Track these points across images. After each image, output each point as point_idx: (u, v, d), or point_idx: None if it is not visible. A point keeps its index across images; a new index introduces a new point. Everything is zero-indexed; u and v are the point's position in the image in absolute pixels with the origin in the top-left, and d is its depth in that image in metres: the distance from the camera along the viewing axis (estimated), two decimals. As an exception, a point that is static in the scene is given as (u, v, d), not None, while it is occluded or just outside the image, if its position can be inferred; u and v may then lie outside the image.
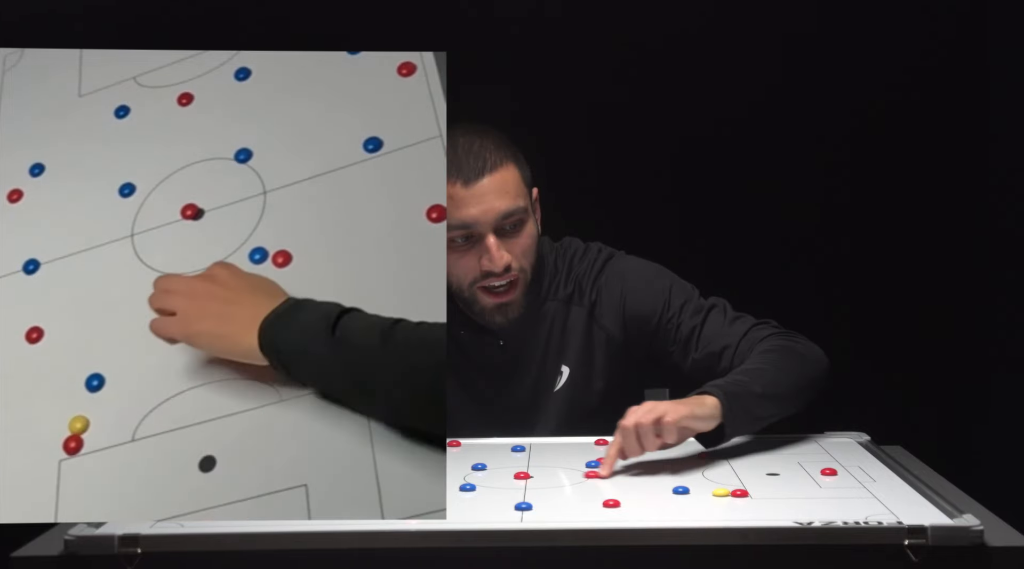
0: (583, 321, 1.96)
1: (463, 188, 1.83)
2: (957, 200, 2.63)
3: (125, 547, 1.33)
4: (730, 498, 1.50)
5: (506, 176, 1.86)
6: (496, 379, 1.96)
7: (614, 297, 1.96)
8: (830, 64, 2.61)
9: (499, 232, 1.85)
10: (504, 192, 1.85)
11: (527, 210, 1.89)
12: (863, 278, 2.66)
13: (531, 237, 1.90)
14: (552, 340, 1.96)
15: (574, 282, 1.98)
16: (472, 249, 1.86)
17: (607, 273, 1.98)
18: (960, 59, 2.60)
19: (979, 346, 2.64)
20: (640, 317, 1.94)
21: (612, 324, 1.95)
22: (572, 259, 2.00)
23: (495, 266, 1.85)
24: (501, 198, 1.84)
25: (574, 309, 1.97)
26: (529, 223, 1.90)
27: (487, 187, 1.84)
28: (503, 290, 1.88)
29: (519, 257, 1.88)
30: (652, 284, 1.96)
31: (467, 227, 1.84)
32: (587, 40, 2.61)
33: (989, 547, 1.32)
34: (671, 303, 1.94)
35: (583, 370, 1.95)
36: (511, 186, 1.86)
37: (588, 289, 1.97)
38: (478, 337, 1.94)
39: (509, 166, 1.87)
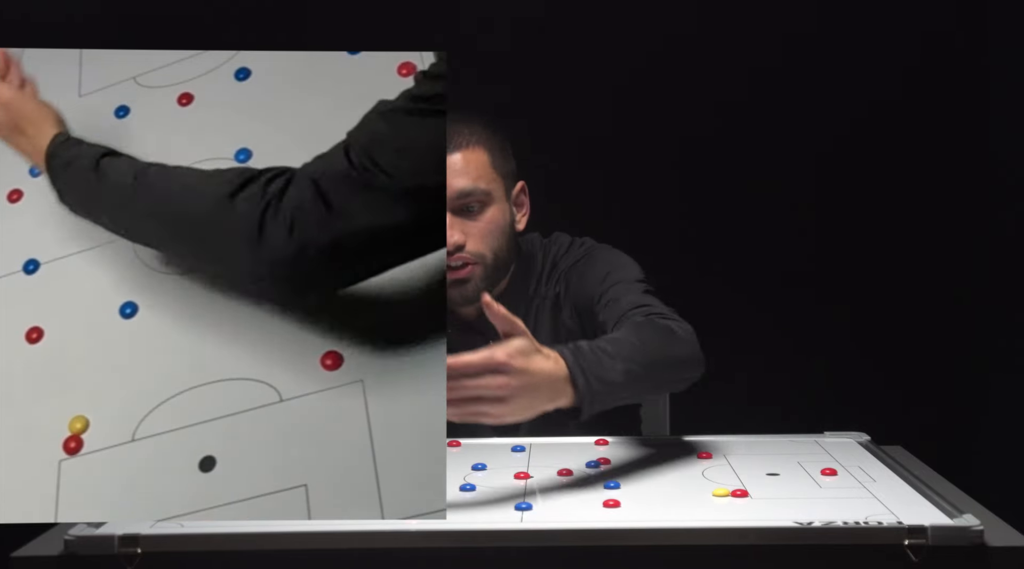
0: (548, 315, 1.96)
1: None
2: (957, 200, 2.64)
3: (125, 547, 1.33)
4: (730, 498, 1.50)
5: (471, 157, 1.87)
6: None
7: (572, 288, 1.96)
8: (830, 65, 2.61)
9: (458, 212, 1.87)
10: (465, 172, 1.86)
11: (489, 194, 1.89)
12: (863, 278, 2.66)
13: (493, 224, 1.90)
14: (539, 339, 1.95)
15: (557, 280, 1.98)
16: None
17: (569, 264, 1.98)
18: (960, 60, 2.60)
19: (979, 346, 2.64)
20: (585, 304, 1.91)
21: (568, 313, 1.96)
22: (556, 255, 2.00)
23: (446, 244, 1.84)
24: (461, 177, 1.86)
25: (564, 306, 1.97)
26: (493, 209, 1.90)
27: (449, 164, 1.84)
28: (457, 267, 1.88)
29: (476, 240, 1.88)
30: (595, 269, 1.93)
31: None
32: (587, 40, 2.61)
33: (989, 547, 1.32)
34: (606, 291, 1.88)
35: None
36: (474, 168, 1.87)
37: (557, 282, 1.97)
38: (466, 337, 1.94)
39: (478, 149, 1.88)
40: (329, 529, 1.36)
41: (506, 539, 1.34)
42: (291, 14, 2.59)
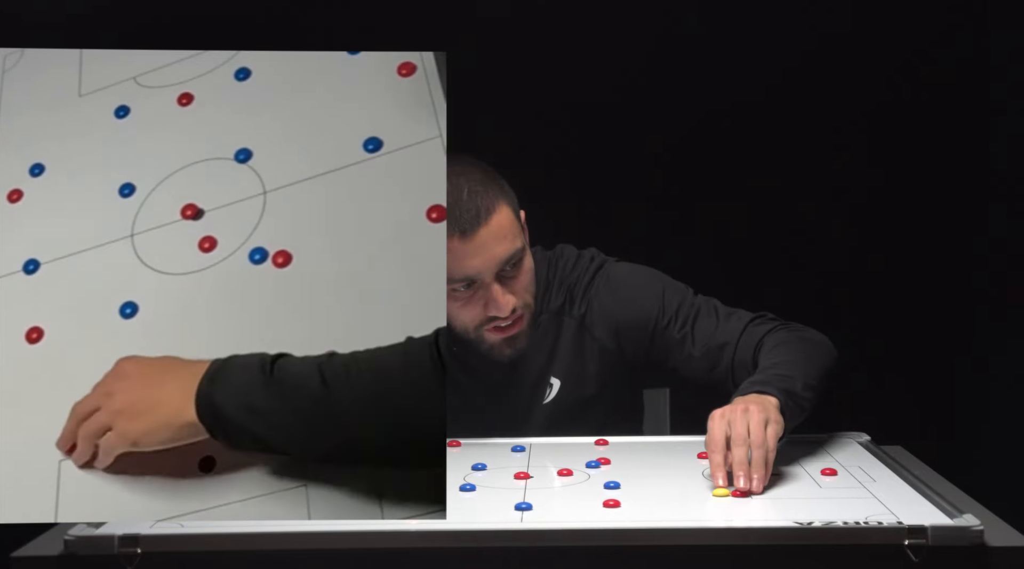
0: (573, 332, 1.94)
1: (460, 241, 1.77)
2: (957, 201, 2.63)
3: (125, 547, 1.33)
4: (731, 498, 1.50)
5: (501, 220, 1.80)
6: (489, 391, 1.95)
7: (605, 307, 1.94)
8: (829, 65, 2.61)
9: (500, 275, 1.82)
10: (502, 237, 1.80)
11: (523, 248, 1.85)
12: (863, 278, 2.66)
13: (530, 271, 1.87)
14: (543, 353, 1.94)
15: (565, 292, 1.96)
16: (474, 296, 1.82)
17: (597, 282, 1.95)
18: (961, 60, 2.60)
19: (979, 346, 2.64)
20: (635, 326, 1.92)
21: (604, 333, 1.93)
22: (564, 268, 1.98)
23: (502, 312, 1.81)
24: (500, 244, 1.80)
25: (565, 321, 1.94)
26: (527, 257, 1.86)
27: (485, 236, 1.78)
28: (509, 325, 1.85)
29: (521, 293, 1.84)
30: (645, 291, 1.94)
31: (470, 279, 1.80)
32: (588, 40, 2.61)
33: (989, 547, 1.32)
34: (665, 308, 1.92)
35: (574, 380, 1.94)
36: (507, 229, 1.81)
37: (578, 299, 1.95)
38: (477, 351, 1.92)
39: (502, 207, 1.81)
40: (329, 529, 1.36)
41: (506, 539, 1.34)
42: (291, 14, 2.59)
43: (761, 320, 1.90)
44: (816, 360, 1.80)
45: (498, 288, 1.81)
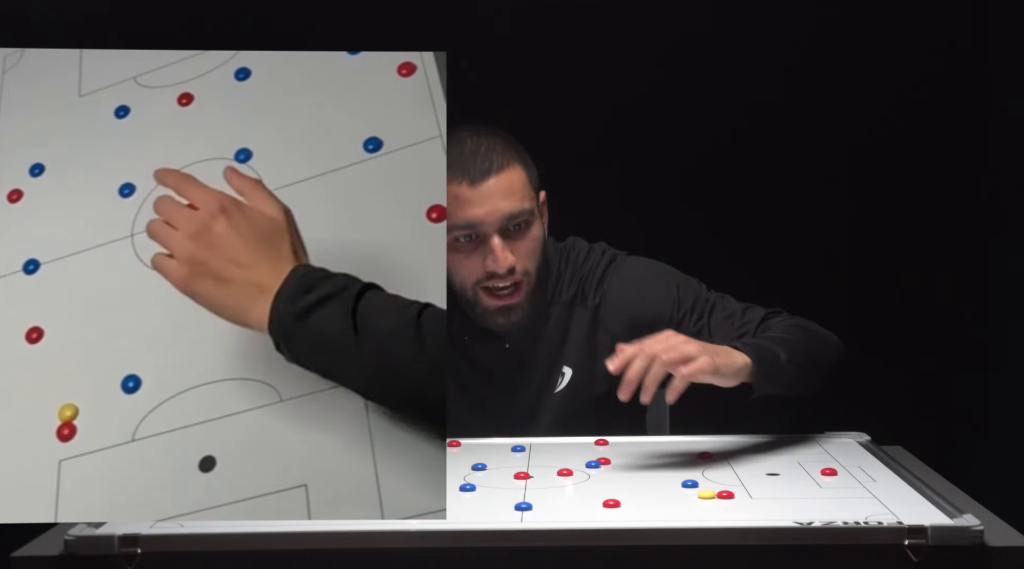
0: (587, 324, 1.95)
1: (469, 188, 1.81)
2: (957, 201, 2.63)
3: (125, 547, 1.33)
4: (725, 499, 1.50)
5: (512, 177, 1.84)
6: (498, 383, 1.95)
7: (621, 301, 1.95)
8: (829, 66, 2.61)
9: (504, 233, 1.84)
10: (510, 193, 1.84)
11: (533, 212, 1.87)
12: (863, 278, 2.66)
13: (536, 240, 1.89)
14: (554, 342, 1.95)
15: (577, 284, 1.96)
16: (476, 250, 1.84)
17: (611, 276, 1.96)
18: (961, 61, 2.61)
19: (979, 346, 2.64)
20: (650, 321, 1.91)
21: (617, 327, 1.93)
22: (576, 260, 1.99)
23: (499, 267, 1.84)
24: (507, 199, 1.83)
25: (577, 311, 1.96)
26: (535, 225, 1.88)
27: (493, 188, 1.82)
28: (507, 293, 1.86)
29: (523, 259, 1.87)
30: (660, 286, 1.95)
31: (472, 227, 1.83)
32: (588, 40, 2.61)
33: (989, 547, 1.32)
34: (680, 303, 1.93)
35: (585, 372, 1.94)
36: (517, 188, 1.85)
37: (591, 292, 1.96)
38: (482, 343, 1.94)
39: (516, 167, 1.85)
40: (329, 529, 1.36)
41: (506, 539, 1.34)
42: (291, 14, 2.59)
43: (778, 313, 1.92)
44: (812, 344, 1.84)
45: (499, 242, 1.83)
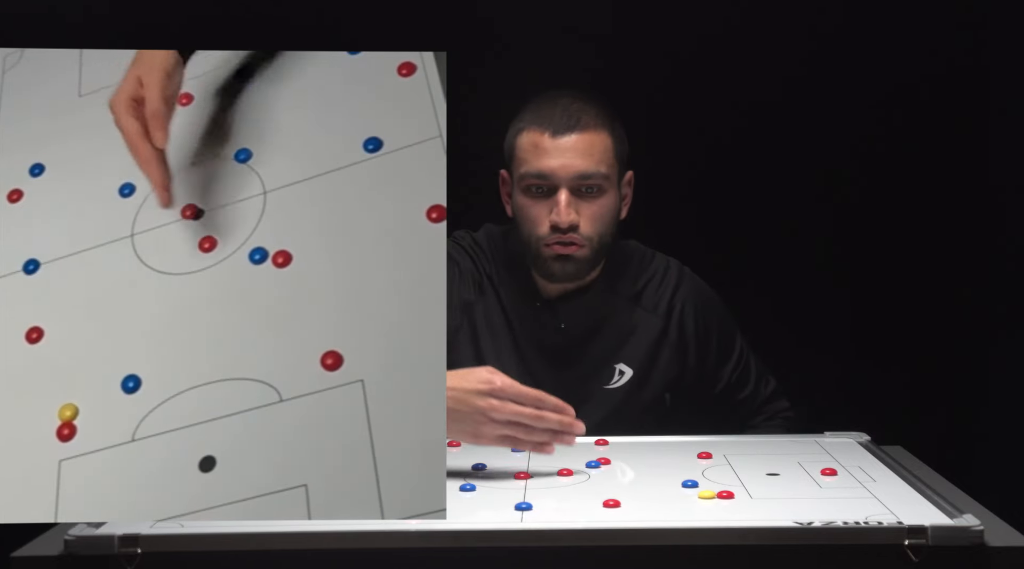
0: (657, 330, 1.98)
1: (550, 138, 1.86)
2: (957, 201, 2.63)
3: (125, 547, 1.33)
4: (725, 499, 1.50)
5: (595, 140, 1.87)
6: (549, 359, 1.96)
7: (698, 318, 2.01)
8: (828, 68, 2.61)
9: (575, 192, 1.86)
10: (588, 153, 1.86)
11: (608, 178, 1.88)
12: (863, 278, 2.66)
13: (607, 209, 1.90)
14: (610, 335, 1.96)
15: (642, 285, 2.00)
16: (545, 201, 1.87)
17: (686, 290, 2.02)
18: (961, 61, 2.60)
19: (979, 347, 2.64)
20: (707, 344, 2.01)
21: (690, 341, 2.00)
22: (639, 262, 2.02)
23: (561, 221, 1.85)
24: (583, 158, 1.86)
25: (641, 313, 1.97)
26: (609, 195, 1.89)
27: (572, 144, 1.85)
28: (566, 245, 1.89)
29: (588, 223, 1.88)
30: (724, 321, 2.06)
31: (543, 177, 1.85)
32: (588, 40, 2.61)
33: (989, 547, 1.32)
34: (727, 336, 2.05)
35: (644, 376, 1.96)
36: (597, 150, 1.87)
37: (664, 300, 2.00)
38: (542, 315, 1.95)
39: (602, 133, 1.88)
40: (329, 529, 1.36)
41: (506, 539, 1.35)
42: (291, 14, 2.59)
43: (779, 400, 2.08)
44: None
45: (567, 197, 1.86)
